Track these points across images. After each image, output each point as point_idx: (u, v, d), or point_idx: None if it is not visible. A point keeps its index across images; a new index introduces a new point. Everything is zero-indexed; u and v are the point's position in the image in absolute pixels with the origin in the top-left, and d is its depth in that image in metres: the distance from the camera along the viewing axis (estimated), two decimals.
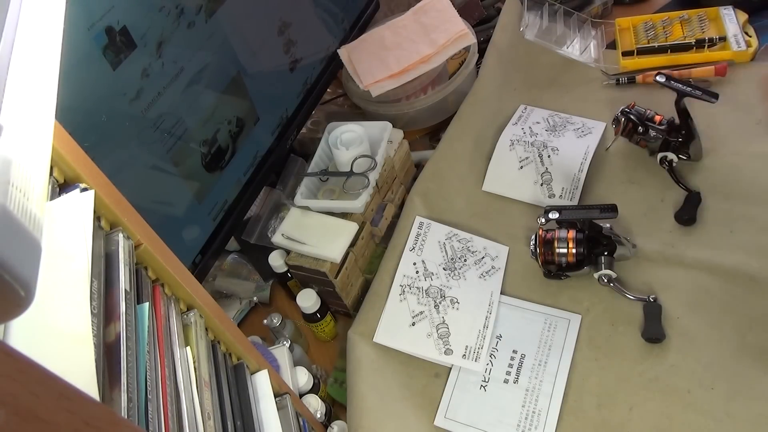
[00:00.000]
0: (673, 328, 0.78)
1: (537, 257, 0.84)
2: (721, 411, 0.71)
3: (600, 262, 0.82)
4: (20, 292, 0.21)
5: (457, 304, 0.86)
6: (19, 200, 0.23)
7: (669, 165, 0.91)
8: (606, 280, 0.81)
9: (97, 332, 0.39)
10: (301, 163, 1.04)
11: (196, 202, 0.79)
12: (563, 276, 0.85)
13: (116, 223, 0.47)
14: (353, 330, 0.86)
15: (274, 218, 0.98)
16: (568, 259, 0.82)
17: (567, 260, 0.83)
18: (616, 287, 0.81)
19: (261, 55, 0.89)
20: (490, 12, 1.26)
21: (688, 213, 0.86)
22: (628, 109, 0.92)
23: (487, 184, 0.99)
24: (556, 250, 0.83)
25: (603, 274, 0.81)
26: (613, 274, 0.81)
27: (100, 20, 0.59)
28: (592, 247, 0.83)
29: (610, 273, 0.81)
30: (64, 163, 0.42)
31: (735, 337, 0.76)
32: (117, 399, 0.38)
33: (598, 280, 0.81)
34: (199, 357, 0.53)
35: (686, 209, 0.87)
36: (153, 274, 0.51)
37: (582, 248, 0.82)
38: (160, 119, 0.70)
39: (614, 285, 0.81)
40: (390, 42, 1.07)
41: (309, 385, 0.81)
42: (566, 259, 0.83)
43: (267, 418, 0.61)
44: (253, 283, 1.02)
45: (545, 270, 0.85)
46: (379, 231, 0.95)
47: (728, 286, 0.80)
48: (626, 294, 0.80)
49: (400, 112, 1.08)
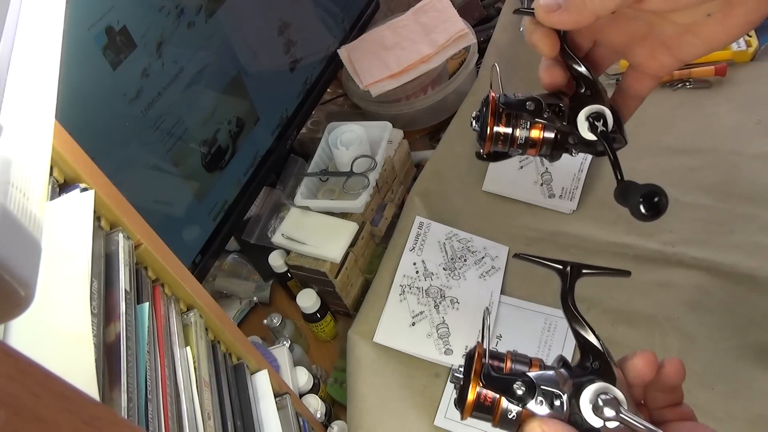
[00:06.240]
0: (673, 328, 0.78)
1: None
2: (721, 411, 0.71)
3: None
4: (20, 292, 0.21)
5: (457, 304, 0.86)
6: (19, 200, 0.23)
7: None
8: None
9: (97, 332, 0.39)
10: (301, 163, 1.04)
11: (196, 202, 0.79)
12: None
13: (116, 223, 0.47)
14: (353, 330, 0.86)
15: (274, 218, 0.98)
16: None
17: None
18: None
19: (261, 55, 0.88)
20: (490, 12, 1.26)
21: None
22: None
23: (487, 184, 0.99)
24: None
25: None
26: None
27: (100, 20, 0.59)
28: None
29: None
30: (64, 163, 0.42)
31: (735, 337, 0.76)
32: (117, 399, 0.38)
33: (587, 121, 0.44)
34: (199, 357, 0.53)
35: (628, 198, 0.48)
36: (153, 274, 0.51)
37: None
38: (160, 119, 0.70)
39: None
40: (390, 42, 1.07)
41: (309, 385, 0.81)
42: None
43: (267, 418, 0.61)
44: (253, 283, 1.02)
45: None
46: (379, 231, 0.95)
47: (728, 286, 0.79)
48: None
49: (400, 112, 1.08)
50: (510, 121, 0.45)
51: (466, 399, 0.35)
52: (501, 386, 0.35)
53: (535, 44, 0.42)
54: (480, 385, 0.35)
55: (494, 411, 0.35)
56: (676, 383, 0.37)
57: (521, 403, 0.34)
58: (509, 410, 0.34)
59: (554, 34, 0.42)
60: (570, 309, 0.38)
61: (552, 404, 0.34)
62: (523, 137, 0.45)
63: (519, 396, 0.34)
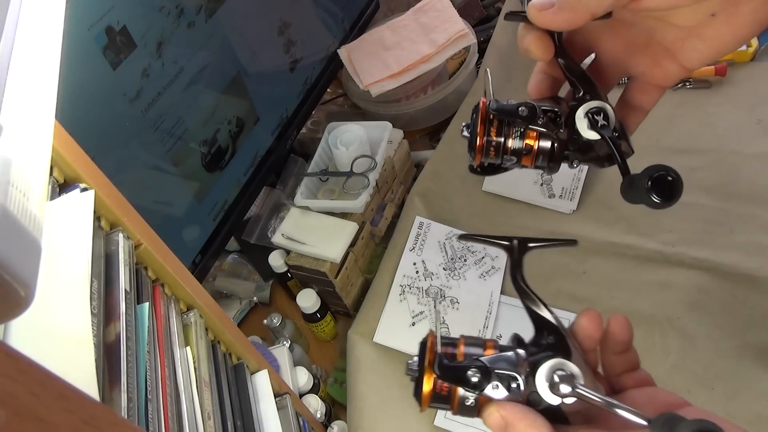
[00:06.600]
0: (673, 328, 0.78)
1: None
2: (721, 411, 0.71)
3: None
4: (20, 292, 0.21)
5: (457, 304, 0.86)
6: (19, 200, 0.23)
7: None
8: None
9: (97, 332, 0.39)
10: (301, 163, 1.04)
11: (196, 202, 0.79)
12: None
13: (116, 223, 0.47)
14: (353, 330, 0.86)
15: (274, 218, 0.98)
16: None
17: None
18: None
19: (261, 55, 0.88)
20: (490, 12, 1.26)
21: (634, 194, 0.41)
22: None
23: (487, 183, 0.99)
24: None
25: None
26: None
27: (100, 20, 0.59)
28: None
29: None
30: (64, 163, 0.42)
31: (735, 337, 0.76)
32: (117, 399, 0.38)
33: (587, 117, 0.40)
34: (199, 357, 0.53)
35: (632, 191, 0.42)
36: (153, 274, 0.51)
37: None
38: (160, 119, 0.70)
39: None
40: (390, 42, 1.07)
41: (309, 385, 0.81)
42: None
43: (267, 418, 0.61)
44: (253, 283, 1.02)
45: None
46: (379, 231, 0.95)
47: (728, 286, 0.79)
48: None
49: (400, 112, 1.08)
50: (502, 128, 0.41)
51: (421, 390, 0.34)
52: (455, 375, 0.34)
53: (528, 48, 0.39)
54: (435, 376, 0.34)
55: (452, 399, 0.34)
56: (623, 338, 0.37)
57: (477, 390, 0.33)
58: (467, 397, 0.34)
59: (548, 37, 0.39)
60: (520, 285, 0.37)
61: (509, 387, 0.33)
62: (516, 146, 0.41)
63: (474, 383, 0.33)
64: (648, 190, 0.36)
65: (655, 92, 0.41)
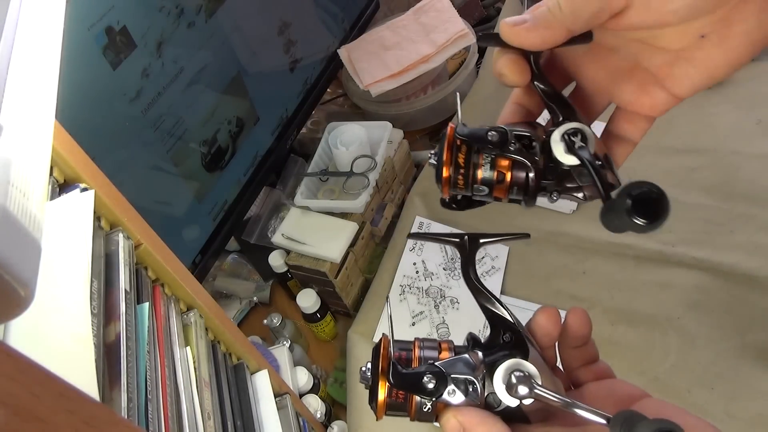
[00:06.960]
0: (673, 328, 0.78)
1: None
2: (721, 411, 0.71)
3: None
4: (20, 292, 0.21)
5: (457, 304, 0.86)
6: (19, 200, 0.23)
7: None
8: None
9: (97, 332, 0.39)
10: (301, 163, 1.04)
11: (196, 202, 0.79)
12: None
13: (116, 223, 0.47)
14: (353, 330, 0.86)
15: (274, 218, 0.98)
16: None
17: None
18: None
19: (261, 55, 0.88)
20: (490, 12, 1.26)
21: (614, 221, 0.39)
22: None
23: None
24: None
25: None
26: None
27: (100, 20, 0.59)
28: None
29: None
30: (64, 163, 0.42)
31: (735, 337, 0.76)
32: (117, 399, 0.38)
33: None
34: (199, 357, 0.53)
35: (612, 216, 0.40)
36: (153, 274, 0.51)
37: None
38: (160, 119, 0.70)
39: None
40: (390, 42, 1.07)
41: (309, 385, 0.81)
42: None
43: (267, 418, 0.61)
44: (253, 283, 1.02)
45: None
46: (379, 231, 0.95)
47: (728, 286, 0.79)
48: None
49: (400, 112, 1.08)
50: (470, 156, 0.36)
51: (377, 399, 0.33)
52: (409, 382, 0.32)
53: (501, 72, 0.35)
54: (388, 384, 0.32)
55: (409, 407, 0.33)
56: (581, 333, 0.36)
57: (433, 396, 0.32)
58: (424, 403, 0.32)
59: (524, 60, 0.35)
60: (473, 282, 0.36)
61: (466, 390, 0.32)
62: (486, 176, 0.36)
63: (430, 390, 0.32)
64: (629, 212, 0.32)
65: (642, 122, 0.38)
